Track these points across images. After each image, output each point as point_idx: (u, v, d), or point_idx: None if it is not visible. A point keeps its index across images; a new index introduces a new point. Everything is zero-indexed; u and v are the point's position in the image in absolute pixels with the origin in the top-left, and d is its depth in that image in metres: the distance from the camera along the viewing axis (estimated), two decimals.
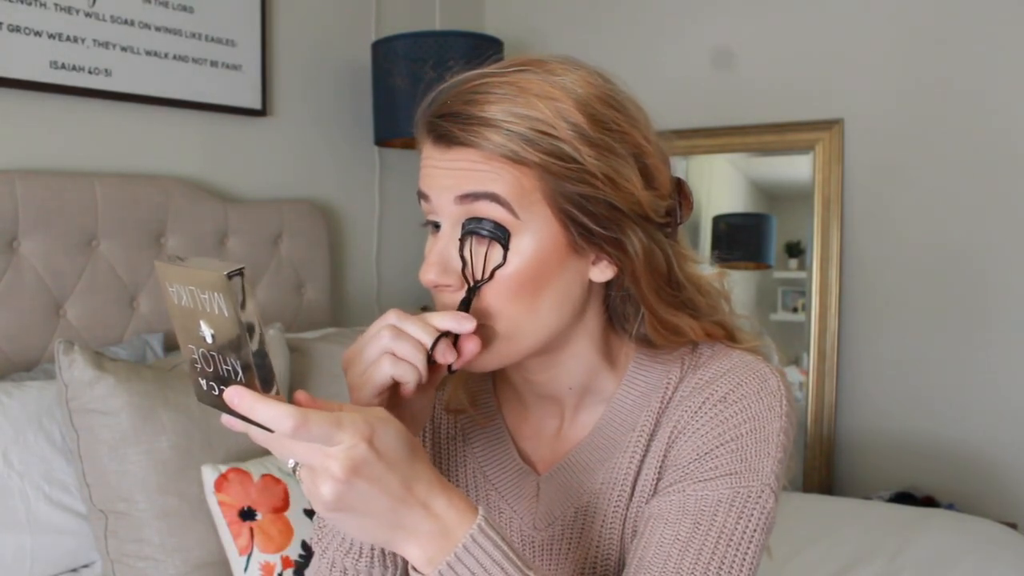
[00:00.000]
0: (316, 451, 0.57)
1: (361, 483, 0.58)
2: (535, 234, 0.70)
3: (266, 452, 1.57)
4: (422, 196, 0.74)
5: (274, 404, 0.56)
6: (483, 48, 2.29)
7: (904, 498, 2.26)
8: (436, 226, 0.74)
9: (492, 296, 0.71)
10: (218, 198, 2.06)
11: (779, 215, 2.70)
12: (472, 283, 0.71)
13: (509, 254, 0.70)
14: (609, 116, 0.71)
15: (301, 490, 1.51)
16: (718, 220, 2.65)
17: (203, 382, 0.61)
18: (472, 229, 0.70)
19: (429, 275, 0.72)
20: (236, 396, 0.56)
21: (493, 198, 0.69)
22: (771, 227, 2.69)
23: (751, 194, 2.77)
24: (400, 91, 2.26)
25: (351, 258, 2.54)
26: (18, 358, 1.67)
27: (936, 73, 2.35)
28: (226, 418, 0.59)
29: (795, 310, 2.65)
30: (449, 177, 0.71)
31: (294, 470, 0.60)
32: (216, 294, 0.54)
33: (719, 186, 2.71)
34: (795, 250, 2.64)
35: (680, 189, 0.78)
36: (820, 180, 2.49)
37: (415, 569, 0.63)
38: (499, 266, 0.70)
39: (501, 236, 0.70)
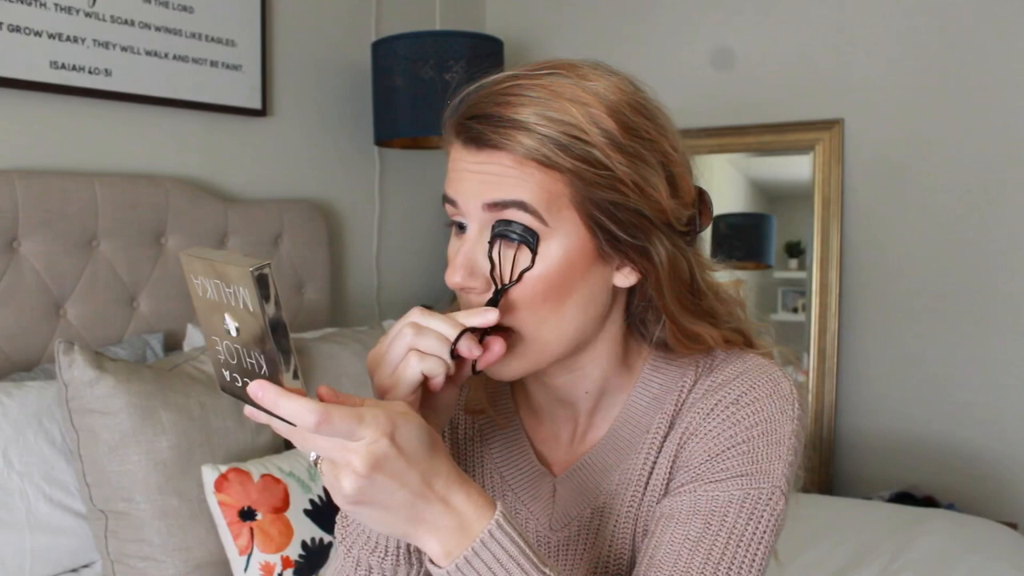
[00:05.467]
0: (338, 445, 0.58)
1: (382, 478, 0.59)
2: (562, 240, 0.70)
3: (266, 452, 1.57)
4: (448, 200, 0.73)
5: (297, 399, 0.56)
6: (483, 48, 2.29)
7: (904, 498, 2.26)
8: (460, 227, 0.74)
9: (519, 301, 0.71)
10: (218, 198, 2.06)
11: (779, 215, 2.70)
12: (499, 285, 0.70)
13: (536, 259, 0.70)
14: (639, 124, 0.71)
15: (301, 490, 1.51)
16: (718, 220, 2.65)
17: (226, 373, 0.62)
18: (502, 232, 0.70)
19: (455, 278, 0.72)
20: (260, 390, 0.57)
21: (521, 206, 0.69)
22: (771, 227, 2.69)
23: (751, 194, 2.77)
24: (400, 91, 2.26)
25: (351, 258, 2.54)
26: (18, 358, 1.67)
27: (936, 73, 2.36)
28: (249, 409, 0.60)
29: (795, 310, 2.65)
30: (478, 182, 0.70)
31: (315, 462, 0.61)
32: (241, 289, 0.55)
33: (719, 186, 2.71)
34: (795, 250, 2.65)
35: (701, 198, 0.78)
36: (820, 180, 2.49)
37: (432, 562, 0.64)
38: (527, 269, 0.70)
39: (530, 240, 0.69)
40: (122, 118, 1.93)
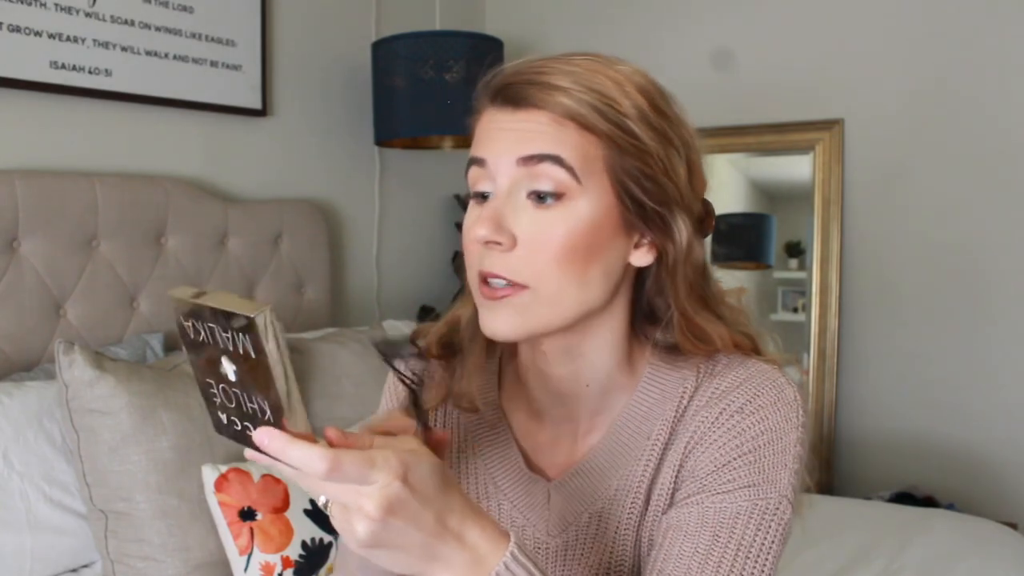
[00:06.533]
0: (350, 490, 0.57)
1: (396, 521, 0.57)
2: (592, 202, 0.71)
3: None
4: (476, 162, 0.74)
5: (306, 446, 0.55)
6: (483, 48, 2.29)
7: (904, 498, 2.26)
8: (483, 197, 0.74)
9: (542, 259, 0.71)
10: (218, 198, 2.06)
11: (779, 215, 2.70)
12: (422, 425, 0.69)
13: (565, 217, 0.70)
14: (665, 107, 0.75)
15: (301, 490, 1.51)
16: (718, 220, 2.64)
17: (223, 416, 0.59)
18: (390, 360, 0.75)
19: (481, 231, 0.71)
20: (267, 438, 0.55)
21: (557, 160, 0.70)
22: (771, 227, 2.69)
23: (751, 194, 2.77)
24: (400, 91, 2.26)
25: (351, 258, 2.54)
26: (18, 358, 1.67)
27: (936, 73, 2.35)
28: (251, 452, 0.58)
29: (795, 310, 2.65)
30: (512, 139, 0.71)
31: (326, 506, 0.59)
32: (241, 334, 0.53)
33: (719, 186, 2.69)
34: (795, 250, 2.65)
35: (705, 208, 0.80)
36: (820, 180, 2.49)
37: None
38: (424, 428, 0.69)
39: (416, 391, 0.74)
40: (122, 118, 1.93)
